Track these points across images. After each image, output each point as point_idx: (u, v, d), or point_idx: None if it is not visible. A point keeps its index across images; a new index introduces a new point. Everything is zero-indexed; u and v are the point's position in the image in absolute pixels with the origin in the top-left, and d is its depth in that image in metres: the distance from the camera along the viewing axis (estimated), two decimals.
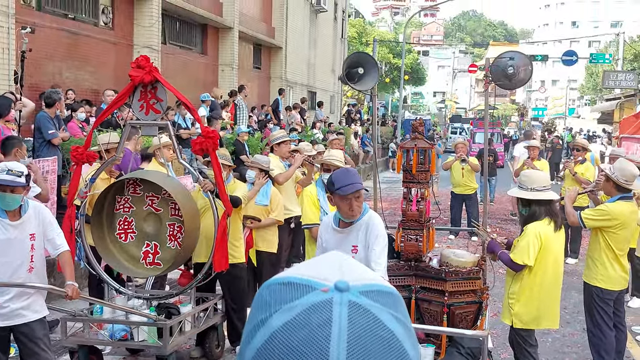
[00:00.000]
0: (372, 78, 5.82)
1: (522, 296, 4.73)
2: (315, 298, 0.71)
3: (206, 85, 17.28)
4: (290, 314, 0.70)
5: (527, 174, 4.93)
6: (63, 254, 4.48)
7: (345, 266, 0.77)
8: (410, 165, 4.85)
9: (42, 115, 8.25)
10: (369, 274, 0.78)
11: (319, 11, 27.45)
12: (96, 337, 5.10)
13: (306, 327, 0.69)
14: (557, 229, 4.67)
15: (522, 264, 4.62)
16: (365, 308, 0.70)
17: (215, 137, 5.11)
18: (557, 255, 4.74)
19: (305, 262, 0.81)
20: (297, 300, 0.71)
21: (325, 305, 0.70)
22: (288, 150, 8.05)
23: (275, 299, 0.73)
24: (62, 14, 12.60)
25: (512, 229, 13.12)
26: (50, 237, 4.42)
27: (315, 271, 0.75)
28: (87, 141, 5.42)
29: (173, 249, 5.27)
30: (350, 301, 0.70)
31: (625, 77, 29.85)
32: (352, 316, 0.69)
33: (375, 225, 3.90)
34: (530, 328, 4.80)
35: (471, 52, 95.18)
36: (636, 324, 7.17)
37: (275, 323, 0.71)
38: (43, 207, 4.57)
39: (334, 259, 0.79)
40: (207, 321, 5.56)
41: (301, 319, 0.70)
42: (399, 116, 33.49)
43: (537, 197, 4.67)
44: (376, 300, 0.72)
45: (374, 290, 0.74)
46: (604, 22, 72.88)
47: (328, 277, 0.73)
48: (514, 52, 6.17)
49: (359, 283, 0.73)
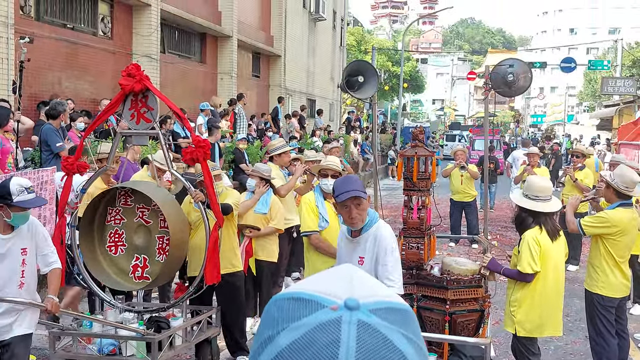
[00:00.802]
0: (372, 86, 5.82)
1: (524, 304, 4.72)
2: (324, 317, 0.69)
3: (205, 94, 17.29)
4: (297, 333, 0.68)
5: (529, 180, 4.93)
6: (54, 271, 4.41)
7: (357, 281, 0.75)
8: (411, 173, 4.84)
9: (49, 127, 8.20)
10: (382, 290, 0.75)
11: (318, 19, 27.52)
12: (84, 352, 5.02)
13: (313, 347, 0.67)
14: (551, 236, 4.65)
15: (532, 272, 4.59)
16: (375, 328, 0.68)
17: (207, 146, 5.04)
18: (557, 262, 4.72)
19: (315, 276, 0.78)
20: (305, 318, 0.69)
21: (333, 325, 0.68)
22: (288, 159, 8.03)
23: (283, 315, 0.71)
24: (61, 23, 12.62)
25: (512, 236, 13.09)
26: (44, 253, 4.35)
27: (325, 286, 0.73)
28: (79, 151, 5.37)
29: (162, 263, 5.17)
30: (360, 320, 0.68)
31: (623, 84, 29.92)
32: (361, 336, 0.67)
33: (384, 237, 3.76)
34: (533, 336, 4.77)
35: (469, 59, 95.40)
36: (638, 331, 7.13)
37: (282, 342, 0.69)
38: (37, 221, 4.49)
39: (345, 273, 0.77)
40: (200, 335, 5.48)
41: (308, 338, 0.68)
42: (398, 124, 33.52)
43: (527, 205, 4.69)
44: (387, 318, 0.70)
45: (385, 308, 0.71)
46: (602, 28, 73.05)
47: (338, 294, 0.71)
48: (514, 60, 6.17)
49: (370, 300, 0.71)
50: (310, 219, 5.14)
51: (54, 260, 4.41)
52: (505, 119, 68.77)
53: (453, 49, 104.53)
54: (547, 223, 4.67)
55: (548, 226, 4.66)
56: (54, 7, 12.46)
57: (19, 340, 4.26)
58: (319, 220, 5.15)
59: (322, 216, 5.13)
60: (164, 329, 5.04)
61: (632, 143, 18.41)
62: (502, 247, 11.96)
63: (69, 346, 5.02)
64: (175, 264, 5.32)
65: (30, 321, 4.35)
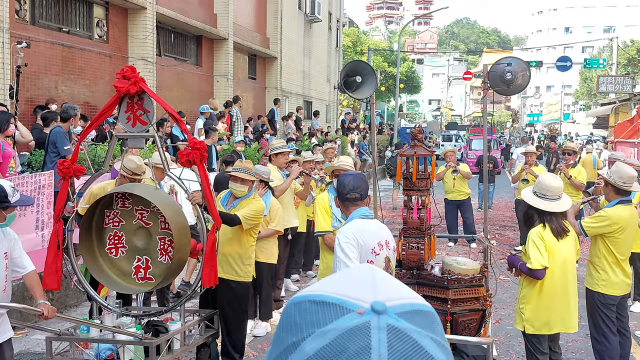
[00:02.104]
0: (370, 86, 5.80)
1: (532, 301, 4.73)
2: (351, 322, 0.66)
3: (202, 97, 17.27)
4: (325, 340, 0.66)
5: (539, 178, 4.91)
6: (30, 275, 4.34)
7: (379, 282, 0.73)
8: (411, 173, 4.82)
9: (58, 130, 8.16)
10: (404, 291, 0.73)
11: (313, 21, 27.52)
12: (82, 357, 4.98)
13: (343, 354, 0.64)
14: (556, 235, 4.64)
15: (541, 267, 4.59)
16: (405, 333, 0.66)
17: (203, 148, 5.00)
18: (565, 259, 4.70)
19: (335, 277, 0.76)
20: (331, 323, 0.67)
21: (362, 330, 0.65)
22: (286, 160, 8.03)
23: (306, 320, 0.69)
24: (57, 27, 12.59)
25: (511, 235, 13.11)
26: (17, 256, 4.28)
27: (348, 289, 0.71)
28: (74, 154, 5.33)
29: (164, 264, 5.13)
30: (389, 325, 0.66)
31: (619, 82, 29.98)
32: (392, 342, 0.65)
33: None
34: (542, 333, 4.76)
35: (465, 59, 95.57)
36: (639, 329, 7.13)
37: (308, 348, 0.66)
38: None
39: (366, 273, 0.75)
40: (198, 339, 5.45)
41: (337, 345, 0.65)
42: (395, 124, 33.53)
43: (533, 203, 4.72)
44: (414, 322, 0.68)
45: (411, 311, 0.69)
46: (597, 27, 73.21)
47: (362, 297, 0.69)
48: (512, 58, 6.16)
49: (396, 303, 0.69)
50: (324, 219, 5.13)
51: (28, 262, 4.34)
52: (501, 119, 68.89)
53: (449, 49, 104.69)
54: (552, 222, 4.67)
55: (553, 225, 4.66)
56: (49, 11, 12.43)
57: (6, 345, 4.27)
58: (332, 220, 5.13)
59: (335, 216, 5.11)
60: (162, 333, 5.00)
61: (628, 141, 18.46)
62: (501, 246, 11.97)
63: (65, 351, 4.98)
64: (179, 266, 5.30)
65: (9, 325, 4.34)
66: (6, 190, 4.09)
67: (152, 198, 4.98)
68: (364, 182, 3.79)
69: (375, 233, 3.66)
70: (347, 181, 3.74)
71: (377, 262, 3.58)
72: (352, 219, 3.71)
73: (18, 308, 4.24)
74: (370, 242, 3.59)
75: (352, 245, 3.52)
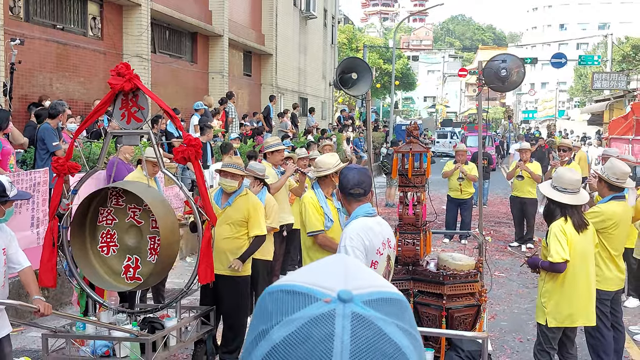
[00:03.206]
0: (366, 83, 5.81)
1: (555, 294, 4.77)
2: (317, 310, 0.68)
3: (197, 94, 17.25)
4: (291, 327, 0.67)
5: (558, 173, 4.94)
6: (26, 271, 4.33)
7: (351, 272, 0.73)
8: (406, 169, 4.83)
9: (46, 127, 8.15)
10: (375, 280, 0.73)
11: (309, 18, 27.50)
12: (78, 354, 4.97)
13: (307, 342, 0.66)
14: (577, 228, 4.68)
15: (562, 261, 4.63)
16: (370, 320, 0.67)
17: (198, 145, 5.00)
18: (585, 253, 4.73)
19: (309, 267, 0.77)
20: (298, 312, 0.68)
21: (327, 318, 0.67)
22: (281, 158, 8.03)
23: (276, 308, 0.70)
24: (51, 24, 12.55)
25: (505, 232, 13.14)
26: (13, 252, 4.27)
27: (319, 278, 0.72)
28: (69, 152, 5.32)
29: (153, 263, 5.12)
30: (354, 313, 0.67)
31: (614, 78, 30.06)
32: (356, 329, 0.66)
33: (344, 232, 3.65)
34: (564, 326, 4.81)
35: (460, 56, 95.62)
36: (633, 324, 7.17)
37: (275, 336, 0.68)
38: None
39: (339, 264, 0.76)
40: (194, 335, 5.45)
41: (302, 332, 0.66)
42: (391, 121, 33.55)
43: (555, 197, 4.75)
44: (381, 310, 0.69)
45: (379, 299, 0.70)
46: (592, 24, 73.39)
47: (331, 286, 0.70)
48: (507, 55, 6.18)
49: (364, 291, 0.70)
50: (316, 219, 5.01)
51: (24, 258, 4.33)
52: (496, 116, 68.98)
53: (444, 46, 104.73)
54: (574, 215, 4.71)
55: (575, 218, 4.70)
56: (44, 8, 12.39)
57: (5, 341, 4.26)
58: (324, 220, 5.05)
59: (327, 216, 5.05)
60: (158, 330, 5.01)
61: (623, 137, 18.54)
62: (496, 242, 12.02)
63: (61, 348, 4.99)
64: (167, 264, 5.28)
65: (7, 321, 4.34)
66: (4, 185, 4.10)
67: (144, 196, 4.98)
68: (368, 177, 3.66)
69: (379, 232, 3.59)
70: (351, 176, 3.61)
71: (380, 261, 3.53)
72: (356, 216, 3.60)
73: (14, 305, 4.24)
74: (375, 243, 3.51)
75: (358, 250, 3.43)
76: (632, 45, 40.68)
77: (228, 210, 5.66)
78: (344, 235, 3.54)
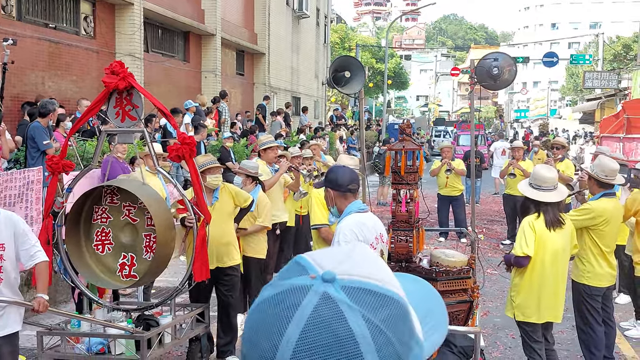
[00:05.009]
0: (359, 81, 5.84)
1: (523, 289, 4.83)
2: (300, 282, 0.74)
3: (189, 93, 17.23)
4: (276, 289, 0.75)
5: (534, 170, 5.01)
6: (39, 265, 4.27)
7: (354, 259, 0.78)
8: (399, 167, 4.87)
9: (37, 125, 8.13)
10: (376, 274, 0.77)
11: (301, 17, 27.50)
12: (73, 351, 4.98)
13: (279, 305, 0.73)
14: (549, 225, 4.72)
15: (523, 255, 4.69)
16: (336, 303, 0.72)
17: (192, 143, 5.02)
18: (557, 250, 4.76)
19: (330, 248, 0.85)
20: (289, 279, 0.76)
21: (302, 290, 0.73)
22: (275, 155, 8.05)
23: (284, 272, 0.79)
24: (43, 23, 12.51)
25: (498, 229, 13.21)
26: (26, 247, 4.22)
27: (324, 257, 0.78)
28: (63, 150, 5.32)
29: (149, 261, 5.14)
30: (325, 292, 0.72)
31: (605, 77, 30.23)
32: (319, 306, 0.71)
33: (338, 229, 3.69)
34: (532, 321, 4.84)
35: (453, 55, 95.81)
36: (624, 320, 7.23)
37: (265, 293, 0.76)
38: (15, 216, 4.34)
39: (351, 250, 0.81)
40: (189, 332, 5.48)
41: (279, 296, 0.74)
42: (384, 120, 33.59)
43: (528, 194, 4.82)
44: (356, 298, 0.73)
45: (361, 289, 0.74)
46: (583, 23, 73.69)
47: (326, 266, 0.75)
48: (499, 53, 6.22)
49: (348, 278, 0.74)
50: (320, 213, 5.22)
51: (38, 253, 4.27)
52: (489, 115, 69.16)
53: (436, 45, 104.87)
54: (548, 212, 4.75)
55: (548, 215, 4.74)
56: (36, 7, 12.35)
57: (5, 341, 4.20)
58: (329, 215, 5.18)
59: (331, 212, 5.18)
60: (153, 327, 5.03)
61: (614, 136, 18.65)
62: (488, 240, 12.07)
63: (56, 346, 4.99)
64: (163, 262, 5.30)
65: (16, 319, 4.27)
66: None
67: (139, 193, 4.98)
68: (356, 174, 3.86)
69: (372, 227, 3.68)
70: (345, 173, 3.79)
71: None
72: (349, 212, 3.69)
73: (9, 302, 4.23)
74: (369, 238, 3.59)
75: None
76: (623, 45, 40.91)
77: (217, 205, 5.76)
78: (338, 231, 3.63)
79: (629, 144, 17.23)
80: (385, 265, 0.82)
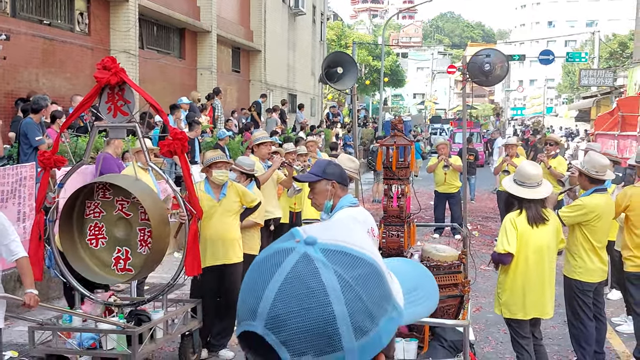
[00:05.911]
0: (351, 77, 5.86)
1: (508, 286, 4.84)
2: (287, 244, 0.83)
3: (185, 90, 17.22)
4: (267, 252, 0.84)
5: (518, 167, 5.04)
6: (20, 261, 4.26)
7: (340, 230, 0.86)
8: (390, 162, 4.88)
9: (29, 122, 8.13)
10: (357, 242, 0.84)
11: (298, 14, 27.49)
12: (64, 346, 4.99)
13: (266, 263, 0.82)
14: (531, 222, 4.72)
15: (504, 252, 4.70)
16: (313, 261, 0.80)
17: (184, 138, 5.02)
18: (541, 247, 4.77)
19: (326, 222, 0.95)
20: (280, 243, 0.84)
21: (285, 252, 0.82)
22: (268, 151, 8.05)
23: (277, 240, 0.87)
24: (37, 20, 12.49)
25: (492, 226, 13.23)
26: (6, 243, 4.20)
27: (311, 228, 0.85)
28: (55, 145, 5.32)
29: (144, 255, 5.15)
30: (305, 253, 0.81)
31: (601, 75, 30.30)
32: (297, 264, 0.80)
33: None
34: (518, 318, 4.86)
35: (449, 53, 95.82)
36: (616, 315, 7.26)
37: (260, 255, 0.85)
38: None
39: (339, 222, 0.90)
40: (181, 328, 5.49)
41: (266, 257, 0.83)
42: (380, 118, 33.60)
43: (511, 191, 4.82)
44: (332, 258, 0.81)
45: (338, 251, 0.82)
46: (580, 21, 73.75)
47: (312, 233, 0.83)
48: (491, 50, 6.25)
49: (328, 242, 0.82)
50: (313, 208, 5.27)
51: (18, 249, 4.25)
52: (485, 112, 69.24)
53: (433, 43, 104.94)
54: (530, 209, 4.75)
55: (531, 212, 4.75)
56: (30, 3, 12.32)
57: None
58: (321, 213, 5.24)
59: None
60: (145, 322, 5.03)
61: (609, 133, 18.71)
62: (483, 237, 12.10)
63: (47, 341, 4.99)
64: (158, 256, 5.31)
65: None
66: None
67: (132, 188, 4.99)
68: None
69: (363, 221, 3.72)
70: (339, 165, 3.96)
71: None
72: (341, 207, 3.73)
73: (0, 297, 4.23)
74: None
75: None
76: (619, 43, 41.02)
77: (224, 201, 5.78)
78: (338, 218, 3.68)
79: (624, 142, 17.29)
80: (368, 237, 0.89)
